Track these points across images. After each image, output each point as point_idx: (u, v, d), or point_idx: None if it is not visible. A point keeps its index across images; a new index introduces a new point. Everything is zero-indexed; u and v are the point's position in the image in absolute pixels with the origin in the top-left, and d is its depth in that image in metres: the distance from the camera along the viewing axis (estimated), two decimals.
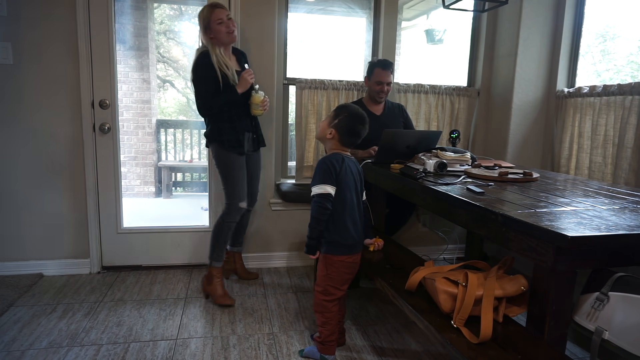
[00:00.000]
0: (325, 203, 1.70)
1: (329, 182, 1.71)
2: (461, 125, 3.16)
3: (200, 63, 2.21)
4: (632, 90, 2.26)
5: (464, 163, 2.14)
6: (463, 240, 3.17)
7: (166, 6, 6.25)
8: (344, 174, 1.74)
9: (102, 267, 2.75)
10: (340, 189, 1.74)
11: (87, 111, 2.56)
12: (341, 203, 1.75)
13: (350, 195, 1.77)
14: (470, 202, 1.46)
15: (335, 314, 1.82)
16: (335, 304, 1.82)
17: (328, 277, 1.79)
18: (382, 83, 2.60)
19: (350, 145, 1.82)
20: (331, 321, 1.82)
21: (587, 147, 2.58)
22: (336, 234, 1.75)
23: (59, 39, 2.48)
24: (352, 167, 1.79)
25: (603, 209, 1.40)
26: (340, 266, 1.78)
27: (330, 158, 1.75)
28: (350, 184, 1.76)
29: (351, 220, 1.77)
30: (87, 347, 1.90)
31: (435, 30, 3.99)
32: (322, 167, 1.74)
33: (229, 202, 2.35)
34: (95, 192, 2.65)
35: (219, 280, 2.36)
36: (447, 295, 1.44)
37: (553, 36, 2.87)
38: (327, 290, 1.80)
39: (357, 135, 1.78)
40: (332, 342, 1.85)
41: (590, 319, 1.43)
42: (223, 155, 2.30)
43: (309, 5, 3.14)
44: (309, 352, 1.89)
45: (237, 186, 2.33)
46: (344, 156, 1.78)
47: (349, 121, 1.76)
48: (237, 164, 2.32)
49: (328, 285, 1.80)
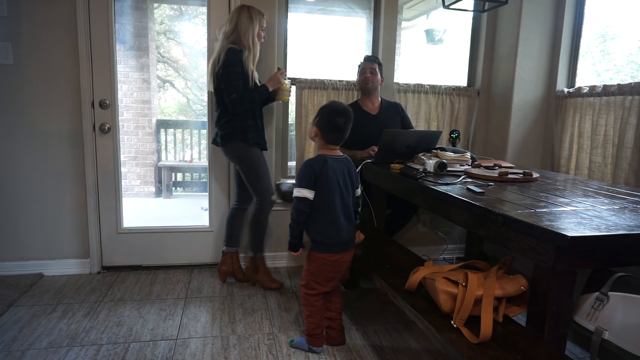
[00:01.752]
0: (301, 206, 1.78)
1: (306, 186, 1.77)
2: (461, 125, 3.17)
3: (233, 58, 2.25)
4: (632, 90, 2.26)
5: (464, 163, 2.14)
6: (463, 240, 3.17)
7: (166, 6, 6.25)
8: (325, 177, 1.77)
9: (102, 267, 2.75)
10: (321, 192, 1.78)
11: (87, 111, 2.56)
12: (322, 205, 1.80)
13: (333, 197, 1.79)
14: (470, 202, 1.46)
15: (318, 308, 1.89)
16: (318, 298, 1.88)
17: (310, 272, 1.87)
18: (365, 69, 2.67)
19: (335, 141, 1.82)
20: (315, 315, 1.89)
21: (587, 147, 2.58)
22: (317, 233, 1.82)
23: (59, 38, 2.48)
24: (337, 167, 1.81)
25: (603, 209, 1.40)
26: (321, 263, 1.84)
27: (311, 161, 1.80)
28: (333, 185, 1.79)
29: (334, 221, 1.81)
30: (87, 347, 1.90)
31: (435, 30, 3.99)
32: (302, 171, 1.80)
33: (261, 198, 2.42)
34: (95, 192, 2.65)
35: (264, 268, 2.56)
36: (447, 295, 1.45)
37: (553, 36, 2.87)
38: (309, 284, 1.87)
39: (338, 130, 1.79)
40: (318, 335, 1.91)
41: (590, 319, 1.43)
42: (248, 153, 2.36)
43: (309, 5, 3.14)
44: (297, 343, 1.96)
45: (266, 180, 2.42)
46: (327, 157, 1.80)
47: (328, 116, 1.79)
48: (263, 160, 2.42)
49: (310, 279, 1.87)
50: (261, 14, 2.36)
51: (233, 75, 2.24)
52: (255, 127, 2.37)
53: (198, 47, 5.90)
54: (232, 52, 2.25)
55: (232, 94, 2.25)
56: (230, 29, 2.32)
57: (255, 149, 2.37)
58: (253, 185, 2.40)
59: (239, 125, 2.33)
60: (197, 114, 6.82)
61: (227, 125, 2.35)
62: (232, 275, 2.65)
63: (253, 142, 2.36)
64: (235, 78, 2.24)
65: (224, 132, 2.36)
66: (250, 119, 2.35)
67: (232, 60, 2.24)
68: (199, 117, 6.56)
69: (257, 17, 2.33)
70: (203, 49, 3.29)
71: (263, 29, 2.38)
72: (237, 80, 2.25)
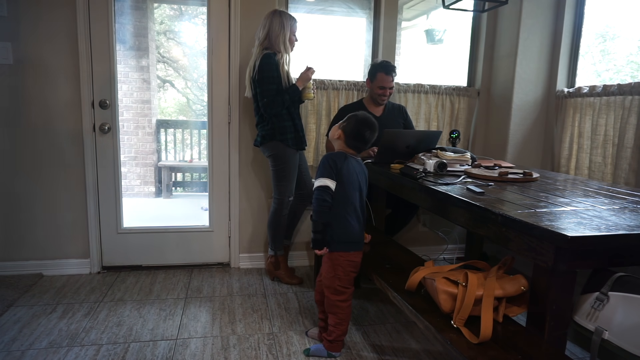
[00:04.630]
0: (323, 195, 1.74)
1: (328, 176, 1.76)
2: (461, 125, 3.16)
3: (266, 64, 2.33)
4: (632, 90, 2.26)
5: (464, 163, 2.14)
6: (463, 240, 3.17)
7: (166, 6, 6.24)
8: (346, 172, 1.78)
9: (102, 267, 2.75)
10: (343, 187, 1.78)
11: (87, 111, 2.56)
12: (344, 200, 1.78)
13: (354, 194, 1.80)
14: (470, 202, 1.46)
15: (348, 314, 1.86)
16: (349, 303, 1.86)
17: (336, 277, 1.81)
18: (385, 88, 2.62)
19: (356, 149, 1.85)
20: (345, 322, 1.86)
21: (587, 147, 2.58)
22: (341, 231, 1.79)
23: (59, 38, 2.48)
24: (356, 166, 1.83)
25: (603, 209, 1.40)
26: (346, 265, 1.82)
27: (332, 155, 1.81)
28: (354, 182, 1.80)
29: (355, 218, 1.81)
30: (87, 347, 1.90)
31: (435, 30, 3.99)
32: (323, 163, 1.80)
33: (280, 197, 2.51)
34: (95, 192, 2.65)
35: (284, 265, 2.66)
36: (447, 295, 1.44)
37: (553, 36, 2.87)
38: (338, 290, 1.82)
39: (362, 140, 1.82)
40: (341, 341, 1.89)
41: (590, 319, 1.43)
42: (285, 153, 2.44)
43: (309, 5, 3.13)
44: (315, 351, 1.90)
45: (291, 183, 2.52)
46: (347, 155, 1.82)
47: (356, 125, 1.81)
48: (295, 162, 2.50)
49: (337, 285, 1.82)
50: (293, 19, 2.42)
51: (265, 80, 2.33)
52: (293, 128, 2.45)
53: (198, 47, 5.89)
54: (266, 58, 2.33)
55: (263, 98, 2.35)
56: (263, 35, 2.39)
57: (292, 149, 2.45)
58: (277, 183, 2.50)
59: (278, 126, 2.41)
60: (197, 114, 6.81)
61: (267, 127, 2.43)
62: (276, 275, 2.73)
63: (292, 143, 2.44)
64: (267, 82, 2.33)
65: (264, 132, 2.45)
66: (288, 121, 2.43)
67: (265, 66, 2.33)
68: (199, 117, 6.55)
69: (288, 22, 2.39)
70: (203, 49, 3.29)
71: (294, 34, 2.44)
72: (270, 85, 2.33)
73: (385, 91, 2.62)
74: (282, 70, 2.39)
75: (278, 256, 2.64)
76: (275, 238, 2.61)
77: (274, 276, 2.68)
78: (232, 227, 2.85)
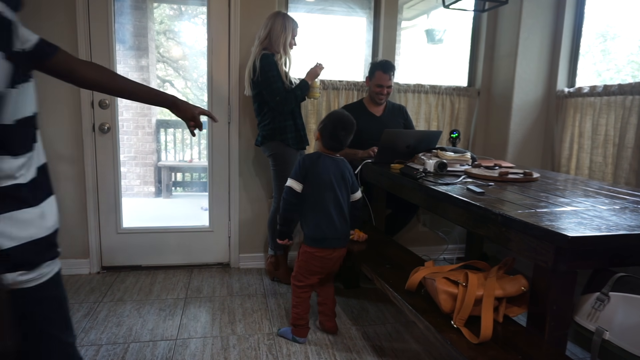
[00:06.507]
0: (287, 195, 1.88)
1: (295, 177, 1.88)
2: (461, 125, 3.16)
3: (268, 64, 2.34)
4: (633, 90, 2.25)
5: (464, 163, 2.14)
6: (463, 240, 3.17)
7: (166, 6, 6.24)
8: (316, 173, 1.84)
9: (101, 267, 2.74)
10: (312, 187, 1.86)
11: (87, 111, 2.56)
12: (313, 200, 1.87)
13: (325, 194, 1.85)
14: (470, 202, 1.46)
15: (304, 300, 1.97)
16: (305, 290, 1.96)
17: (298, 265, 1.96)
18: (382, 86, 2.61)
19: (333, 148, 1.90)
20: (299, 305, 1.96)
21: (587, 147, 2.58)
22: (307, 227, 1.90)
23: (59, 38, 2.47)
24: (330, 166, 1.87)
25: (603, 209, 1.40)
26: (309, 257, 1.91)
27: (305, 156, 1.90)
28: (325, 182, 1.85)
29: (324, 217, 1.86)
30: (86, 347, 1.90)
31: (435, 30, 3.99)
32: (295, 164, 1.90)
33: (280, 197, 2.47)
34: (95, 192, 2.65)
35: (284, 265, 2.66)
36: (447, 296, 1.44)
37: (553, 36, 2.87)
38: (297, 277, 1.97)
39: (337, 140, 1.87)
40: (302, 326, 1.97)
41: (591, 319, 1.43)
42: (285, 153, 2.45)
43: (309, 5, 3.13)
44: (283, 332, 2.04)
45: None
46: (321, 154, 1.88)
47: (331, 126, 1.87)
48: (295, 161, 2.47)
49: (298, 272, 1.96)
50: (295, 23, 2.43)
51: (272, 79, 2.33)
52: (294, 127, 2.46)
53: (198, 47, 5.89)
54: (264, 58, 2.34)
55: (275, 96, 2.35)
56: (264, 34, 2.40)
57: (292, 149, 2.46)
58: (278, 183, 2.51)
59: (279, 126, 2.42)
60: None
61: (267, 126, 2.44)
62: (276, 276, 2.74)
63: (292, 142, 2.45)
64: (274, 81, 2.34)
65: (265, 132, 2.46)
66: (289, 120, 2.44)
67: (266, 66, 2.33)
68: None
69: (290, 25, 2.40)
70: (203, 49, 3.29)
71: (295, 38, 2.45)
72: (277, 83, 2.34)
73: (382, 89, 2.61)
74: (281, 70, 2.39)
75: (278, 256, 2.64)
76: (275, 238, 2.61)
77: (274, 276, 2.68)
78: (232, 227, 2.85)
